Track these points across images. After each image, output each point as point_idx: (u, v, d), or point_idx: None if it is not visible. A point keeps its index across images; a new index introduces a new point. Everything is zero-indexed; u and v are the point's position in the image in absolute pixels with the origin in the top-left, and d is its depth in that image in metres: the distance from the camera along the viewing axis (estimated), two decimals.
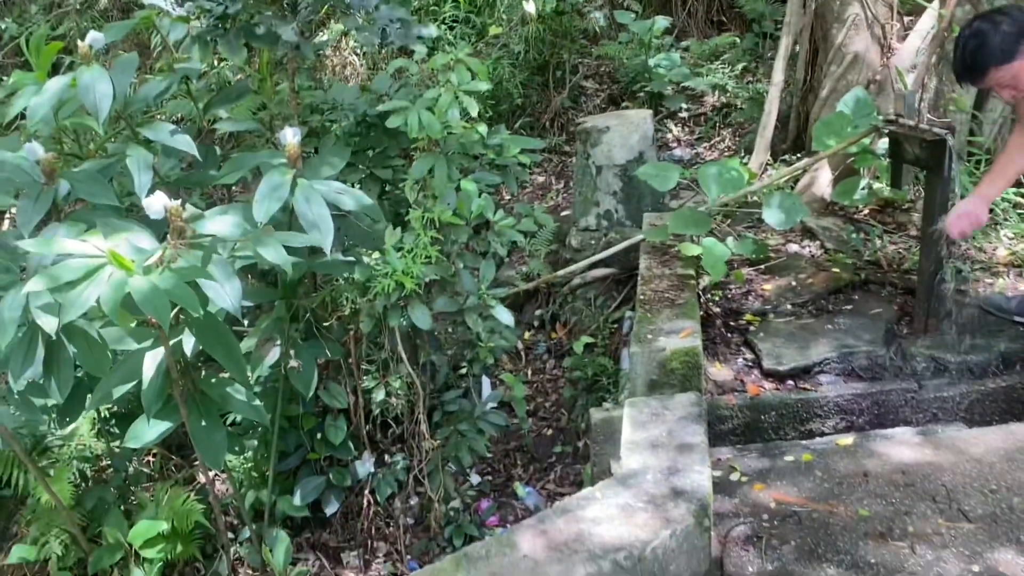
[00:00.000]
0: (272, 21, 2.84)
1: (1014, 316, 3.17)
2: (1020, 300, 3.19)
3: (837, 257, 3.72)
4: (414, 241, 2.91)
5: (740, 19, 6.47)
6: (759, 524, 2.33)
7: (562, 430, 4.12)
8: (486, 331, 3.20)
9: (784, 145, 4.87)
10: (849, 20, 4.34)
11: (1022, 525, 2.27)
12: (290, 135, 2.56)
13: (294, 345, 2.90)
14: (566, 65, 6.02)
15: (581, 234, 4.70)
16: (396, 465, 3.35)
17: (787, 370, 3.05)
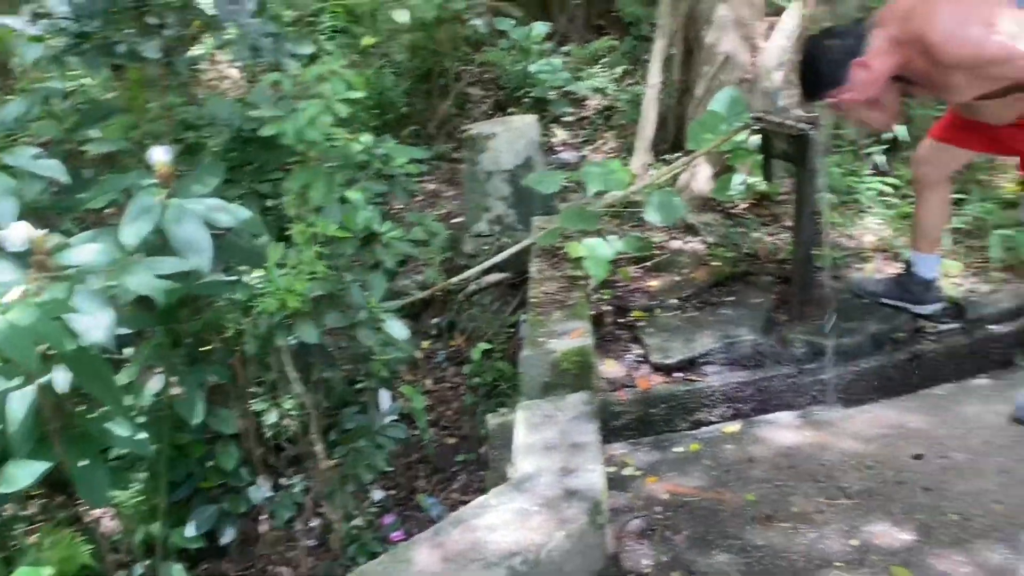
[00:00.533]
0: (134, 38, 2.74)
1: (882, 298, 3.35)
2: (887, 283, 3.38)
3: (717, 251, 3.85)
4: (298, 257, 2.86)
5: (618, 23, 6.62)
6: (652, 517, 2.39)
7: (465, 438, 4.12)
8: (380, 344, 3.17)
9: (664, 145, 5.00)
10: (718, 21, 4.51)
11: (895, 498, 2.40)
12: (160, 154, 2.47)
13: (177, 371, 2.80)
14: (450, 73, 6.03)
15: (474, 240, 4.72)
16: (293, 487, 3.27)
17: (675, 363, 3.13)
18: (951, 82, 2.62)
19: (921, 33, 2.53)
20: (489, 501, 2.08)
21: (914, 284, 3.26)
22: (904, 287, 3.29)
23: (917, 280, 3.25)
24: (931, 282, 3.26)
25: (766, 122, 3.22)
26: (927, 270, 3.23)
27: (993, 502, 2.36)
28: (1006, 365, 3.29)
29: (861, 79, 2.64)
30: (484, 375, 4.13)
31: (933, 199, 3.16)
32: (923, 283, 3.25)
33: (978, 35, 2.45)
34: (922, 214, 3.19)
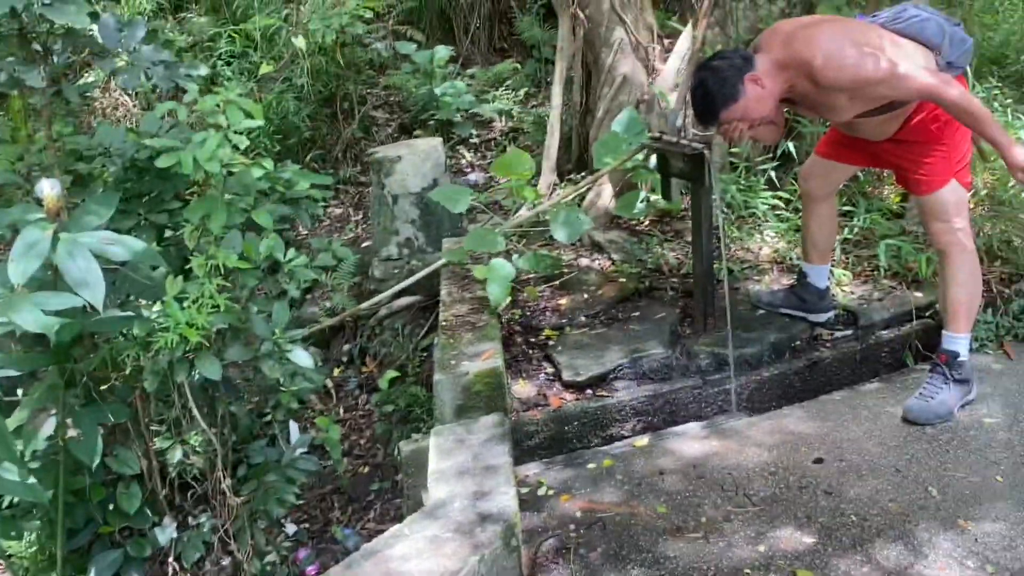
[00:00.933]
0: (15, 66, 2.63)
1: (779, 308, 3.48)
2: (783, 293, 3.51)
3: (623, 267, 3.93)
4: (199, 289, 2.78)
5: (521, 46, 6.72)
6: (567, 535, 2.41)
7: (379, 466, 4.07)
8: (287, 375, 3.10)
9: (569, 165, 5.09)
10: (616, 44, 4.62)
11: (798, 502, 2.49)
12: (47, 187, 2.38)
13: (72, 412, 2.68)
14: (353, 96, 5.99)
15: (383, 264, 4.69)
16: (201, 527, 3.17)
17: (585, 380, 3.17)
18: (833, 103, 2.75)
19: (803, 57, 2.65)
20: (402, 530, 2.06)
21: (808, 294, 3.40)
22: (799, 297, 3.42)
23: (811, 290, 3.39)
24: (824, 291, 3.41)
25: (664, 142, 3.32)
26: (819, 280, 3.38)
27: (889, 501, 2.47)
28: (897, 368, 3.46)
29: (756, 94, 2.73)
30: (397, 401, 4.10)
31: (822, 212, 3.30)
32: (816, 292, 3.39)
33: (856, 58, 2.59)
34: (812, 227, 3.33)
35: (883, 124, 2.86)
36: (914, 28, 2.76)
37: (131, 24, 2.96)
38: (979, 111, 2.58)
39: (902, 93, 2.66)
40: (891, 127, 2.87)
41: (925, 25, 2.76)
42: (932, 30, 2.75)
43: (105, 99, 5.66)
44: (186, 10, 6.46)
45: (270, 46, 5.93)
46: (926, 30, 2.75)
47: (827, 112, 2.86)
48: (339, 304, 4.58)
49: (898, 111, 2.80)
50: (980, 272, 3.02)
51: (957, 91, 2.59)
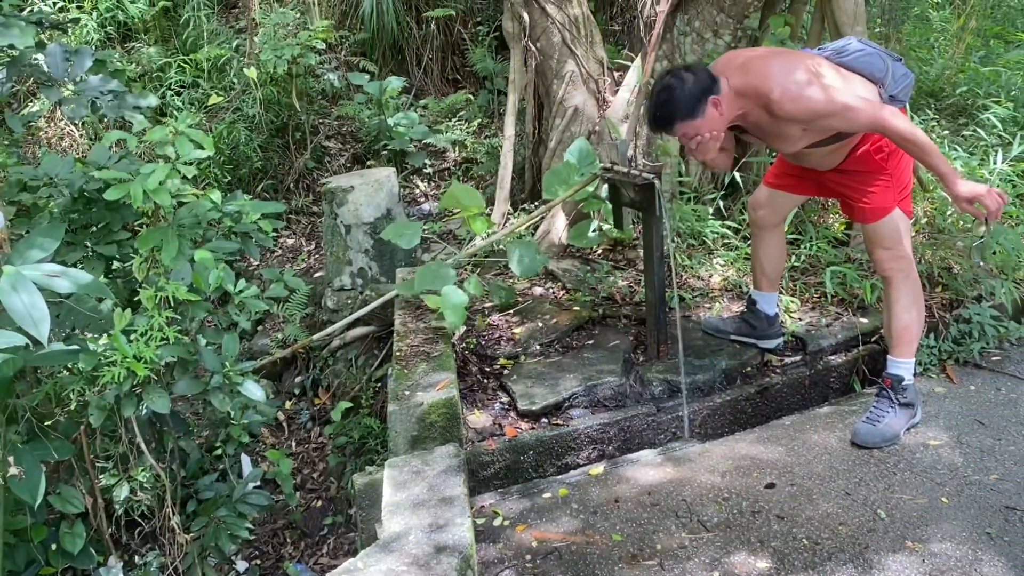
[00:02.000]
0: None
1: (730, 335, 3.53)
2: (734, 320, 3.57)
3: (577, 296, 3.96)
4: (148, 322, 2.73)
5: (473, 77, 6.78)
6: (523, 566, 2.39)
7: (332, 500, 4.01)
8: (237, 408, 3.05)
9: (523, 195, 5.13)
10: (567, 76, 4.70)
11: (752, 527, 2.51)
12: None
13: (13, 450, 2.60)
14: (306, 126, 5.98)
15: (337, 294, 4.66)
16: (149, 565, 3.09)
17: (540, 408, 3.18)
18: (786, 133, 2.82)
19: (760, 89, 2.71)
20: (356, 564, 2.04)
21: (758, 320, 3.46)
22: (749, 324, 3.48)
23: (760, 316, 3.45)
24: (773, 318, 3.47)
25: (615, 172, 3.37)
26: (769, 307, 3.44)
27: (839, 524, 2.51)
28: (845, 392, 3.53)
29: (713, 117, 2.76)
30: (350, 433, 4.05)
31: (770, 240, 3.38)
32: (766, 319, 3.45)
33: (811, 92, 2.66)
34: (761, 255, 3.40)
35: (830, 155, 2.95)
36: (860, 62, 2.85)
37: (78, 53, 2.93)
38: (925, 142, 2.67)
39: (853, 125, 2.74)
40: (837, 157, 2.96)
41: (870, 60, 2.85)
42: (876, 64, 2.85)
43: (50, 129, 5.57)
44: (135, 39, 6.40)
45: (221, 76, 5.90)
46: (871, 64, 2.85)
47: (778, 141, 2.92)
48: (291, 335, 4.53)
49: (844, 142, 2.88)
50: (923, 298, 3.11)
51: (904, 123, 2.67)
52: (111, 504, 3.00)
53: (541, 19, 4.68)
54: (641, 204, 3.29)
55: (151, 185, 2.67)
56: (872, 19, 5.98)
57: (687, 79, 2.75)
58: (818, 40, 4.55)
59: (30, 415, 2.70)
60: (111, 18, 6.20)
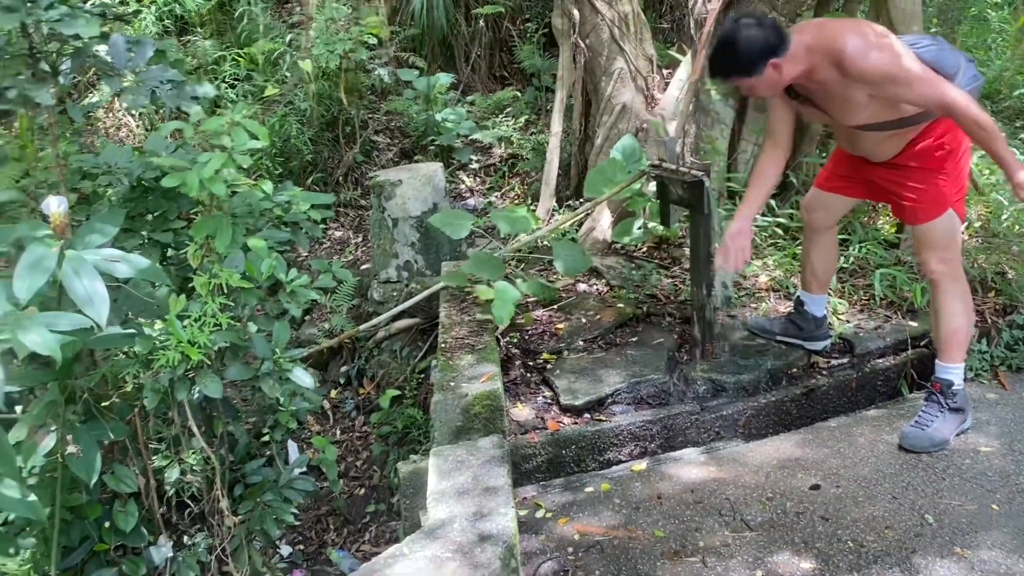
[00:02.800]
0: (25, 84, 2.66)
1: (777, 336, 3.50)
2: (781, 321, 3.53)
3: (621, 293, 3.96)
4: (201, 308, 2.79)
5: (521, 74, 6.80)
6: (565, 558, 2.41)
7: (375, 488, 4.06)
8: (286, 395, 3.11)
9: (568, 191, 5.14)
10: (615, 73, 4.69)
11: (796, 527, 2.50)
12: (54, 204, 2.40)
13: (72, 429, 2.67)
14: (355, 120, 6.05)
15: (382, 286, 4.71)
16: (197, 546, 3.15)
17: (583, 404, 3.19)
18: (852, 97, 2.71)
19: (834, 44, 2.62)
20: (402, 550, 2.06)
21: (805, 322, 3.42)
22: (797, 325, 3.45)
23: (808, 318, 3.41)
24: (821, 320, 3.43)
25: (663, 169, 3.36)
26: (817, 308, 3.40)
27: (885, 527, 2.47)
28: (892, 396, 3.48)
29: (771, 78, 2.70)
30: (394, 423, 4.10)
31: (823, 242, 3.32)
32: (814, 320, 3.41)
33: (885, 53, 2.59)
34: (813, 257, 3.35)
35: (886, 142, 2.86)
36: (931, 55, 2.77)
37: (140, 44, 3.00)
38: (992, 128, 2.59)
39: (922, 99, 2.65)
40: (893, 147, 2.88)
41: (942, 55, 2.78)
42: (948, 60, 2.77)
43: (108, 119, 5.71)
44: (191, 33, 6.53)
45: (274, 70, 6.00)
46: (943, 59, 2.76)
47: (841, 107, 2.81)
48: (338, 326, 4.60)
49: (905, 130, 2.80)
50: (972, 302, 3.04)
51: (976, 106, 2.60)
52: (162, 485, 3.08)
53: (591, 16, 4.68)
54: (689, 202, 3.28)
55: (207, 174, 2.73)
56: (928, 19, 5.88)
57: (752, 37, 2.66)
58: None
59: (88, 396, 2.79)
60: (168, 12, 6.34)
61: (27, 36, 2.74)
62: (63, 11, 2.61)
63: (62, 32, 2.62)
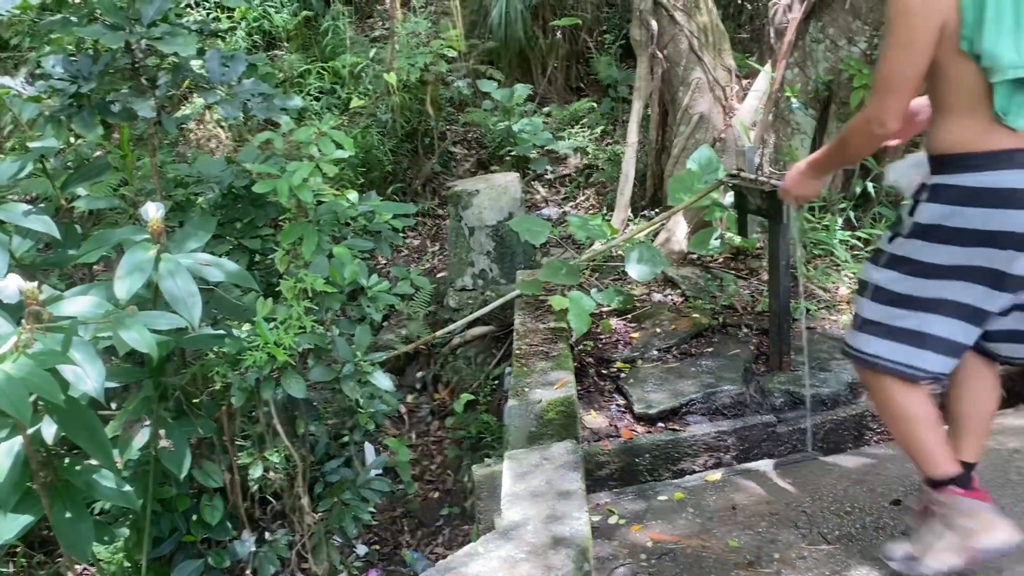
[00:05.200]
0: (128, 97, 2.82)
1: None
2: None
3: (696, 304, 3.94)
4: (287, 311, 2.90)
5: (597, 85, 6.83)
6: (638, 564, 2.41)
7: (449, 492, 4.13)
8: (365, 397, 3.20)
9: (643, 202, 5.13)
10: (693, 84, 4.68)
11: (874, 542, 2.44)
12: (152, 210, 2.53)
13: (164, 425, 2.81)
14: (434, 132, 6.17)
15: (458, 294, 4.79)
16: (278, 542, 3.26)
17: (657, 413, 3.18)
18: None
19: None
20: (477, 549, 2.11)
21: None
22: None
23: None
24: None
25: (741, 179, 3.34)
26: None
27: None
28: None
29: None
30: (468, 428, 4.16)
31: None
32: None
33: None
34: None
35: None
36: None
37: (233, 59, 3.14)
38: None
39: None
40: None
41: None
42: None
43: (199, 131, 5.96)
44: (278, 47, 6.77)
45: (356, 83, 6.17)
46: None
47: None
48: (414, 332, 4.69)
49: None
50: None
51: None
52: (246, 481, 3.20)
53: (669, 27, 4.68)
54: (767, 212, 3.25)
55: (296, 181, 2.84)
56: None
57: None
58: None
59: (179, 394, 2.92)
60: (257, 27, 6.59)
61: (130, 52, 2.91)
62: (164, 29, 2.75)
63: (162, 50, 2.77)
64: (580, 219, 3.76)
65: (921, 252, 2.05)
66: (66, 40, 3.23)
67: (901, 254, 2.10)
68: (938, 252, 2.02)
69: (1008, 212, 1.92)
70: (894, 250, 2.12)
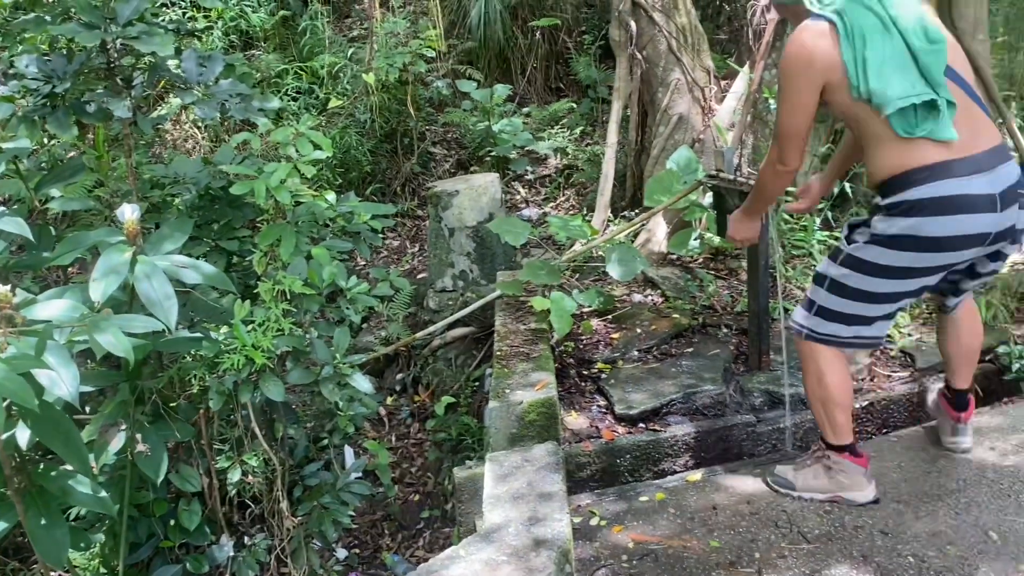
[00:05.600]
0: (104, 98, 2.78)
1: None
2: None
3: (676, 304, 3.95)
4: (265, 313, 2.88)
5: (576, 85, 6.84)
6: (619, 565, 2.41)
7: (429, 494, 4.11)
8: (345, 400, 3.17)
9: (623, 202, 5.14)
10: (672, 84, 4.69)
11: (854, 541, 2.46)
12: (128, 211, 2.49)
13: (140, 429, 2.77)
14: (413, 132, 6.15)
15: (438, 295, 4.77)
16: (257, 546, 3.23)
17: (638, 414, 3.19)
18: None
19: None
20: (458, 552, 2.10)
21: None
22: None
23: None
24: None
25: (720, 180, 3.35)
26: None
27: (947, 543, 2.42)
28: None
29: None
30: (449, 430, 4.14)
31: None
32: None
33: None
34: None
35: None
36: None
37: (210, 59, 3.11)
38: None
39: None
40: None
41: None
42: None
43: (176, 131, 5.90)
44: (255, 47, 6.72)
45: (335, 83, 6.14)
46: None
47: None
48: (394, 334, 4.67)
49: None
50: None
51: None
52: (224, 486, 3.17)
53: (648, 27, 4.69)
54: None
55: (274, 182, 2.82)
56: (994, 27, 5.74)
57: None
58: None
59: (156, 397, 2.89)
60: (234, 27, 6.53)
61: (106, 52, 2.87)
62: (141, 28, 2.72)
63: (139, 49, 2.74)
64: (560, 220, 3.76)
65: (877, 257, 2.35)
66: (40, 39, 3.19)
67: (859, 256, 2.39)
68: (892, 257, 2.33)
69: (954, 218, 2.23)
70: (853, 252, 2.41)
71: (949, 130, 2.23)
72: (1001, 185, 2.25)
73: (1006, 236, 2.32)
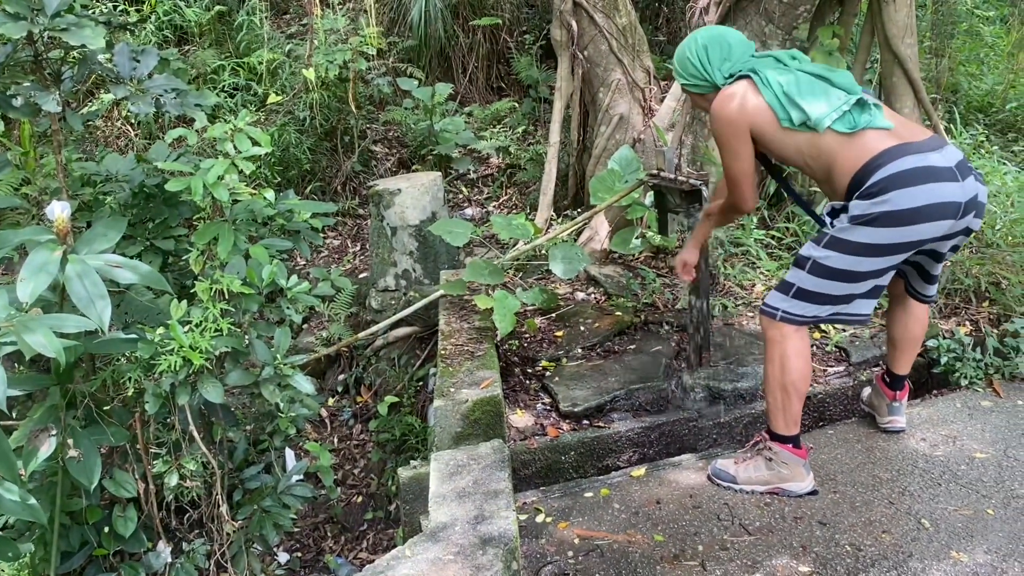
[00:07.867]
0: (31, 92, 2.68)
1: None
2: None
3: (619, 302, 3.98)
4: (202, 314, 2.81)
5: (518, 85, 6.85)
6: (565, 561, 2.42)
7: (372, 496, 4.07)
8: (285, 401, 3.12)
9: (565, 201, 5.17)
10: (613, 84, 4.73)
11: (794, 532, 2.51)
12: (58, 209, 2.41)
13: (72, 433, 2.68)
14: (354, 130, 6.08)
15: (381, 295, 4.73)
16: (196, 552, 3.15)
17: (582, 410, 3.21)
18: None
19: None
20: (404, 552, 2.08)
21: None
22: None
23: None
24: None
25: (660, 179, 3.39)
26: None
27: (882, 532, 2.49)
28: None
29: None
30: (392, 430, 4.11)
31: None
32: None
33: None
34: None
35: None
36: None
37: (144, 53, 3.03)
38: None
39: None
40: None
41: None
42: None
43: (107, 128, 5.73)
44: (190, 43, 6.57)
45: (273, 80, 6.03)
46: None
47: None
48: (336, 334, 4.62)
49: None
50: None
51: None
52: (161, 490, 3.08)
53: (589, 28, 4.72)
54: (687, 211, 3.31)
55: (211, 179, 2.75)
56: (921, 33, 5.94)
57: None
58: (867, 53, 4.53)
59: (88, 401, 2.80)
60: (168, 22, 6.37)
61: (32, 44, 2.77)
62: (70, 20, 2.63)
63: (68, 42, 2.64)
64: (503, 219, 3.76)
65: (860, 236, 2.44)
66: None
67: (843, 237, 2.47)
68: (874, 235, 2.42)
69: (923, 188, 2.35)
70: (836, 233, 2.49)
71: (885, 120, 2.46)
72: (953, 160, 2.43)
73: (972, 207, 2.46)
